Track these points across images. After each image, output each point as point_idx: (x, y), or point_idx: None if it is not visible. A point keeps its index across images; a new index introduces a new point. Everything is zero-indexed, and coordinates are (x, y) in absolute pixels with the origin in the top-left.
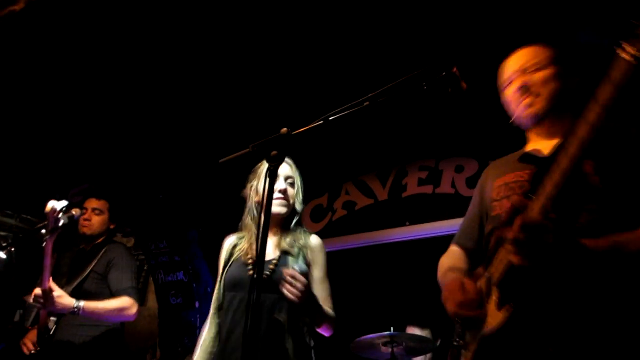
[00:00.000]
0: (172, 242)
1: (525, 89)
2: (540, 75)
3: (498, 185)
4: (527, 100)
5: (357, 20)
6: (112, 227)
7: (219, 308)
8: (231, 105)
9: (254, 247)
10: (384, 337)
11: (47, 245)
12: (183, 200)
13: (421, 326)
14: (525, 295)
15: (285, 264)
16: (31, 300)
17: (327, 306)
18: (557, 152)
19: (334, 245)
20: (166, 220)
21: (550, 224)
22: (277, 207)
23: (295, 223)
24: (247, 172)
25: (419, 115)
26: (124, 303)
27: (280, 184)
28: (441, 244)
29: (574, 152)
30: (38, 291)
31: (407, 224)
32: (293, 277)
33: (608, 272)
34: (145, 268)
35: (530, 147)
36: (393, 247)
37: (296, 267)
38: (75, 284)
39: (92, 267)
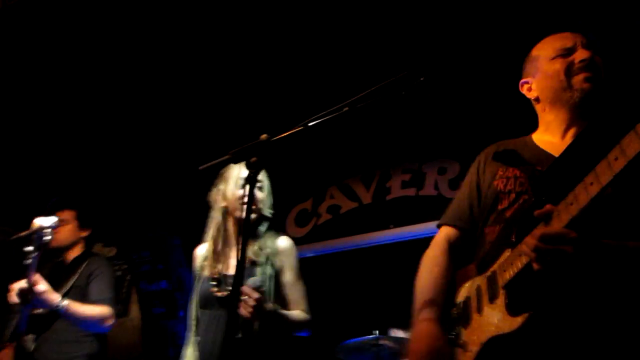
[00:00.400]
0: (155, 250)
1: (592, 63)
2: (600, 59)
3: (505, 175)
4: (590, 75)
5: (336, 26)
6: (83, 234)
7: (196, 325)
8: (211, 111)
9: (221, 259)
10: (369, 340)
11: (33, 262)
12: (165, 207)
13: (405, 328)
14: (545, 302)
15: (250, 274)
16: (14, 296)
17: (300, 308)
18: (576, 152)
19: (319, 249)
20: (148, 227)
21: (572, 234)
22: (244, 212)
23: (262, 228)
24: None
25: (402, 119)
26: (105, 312)
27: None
28: (425, 245)
29: (619, 168)
30: (22, 283)
31: (392, 226)
32: (246, 294)
33: (631, 275)
34: (128, 278)
35: (543, 136)
36: (378, 250)
37: (250, 282)
38: None
39: (73, 281)
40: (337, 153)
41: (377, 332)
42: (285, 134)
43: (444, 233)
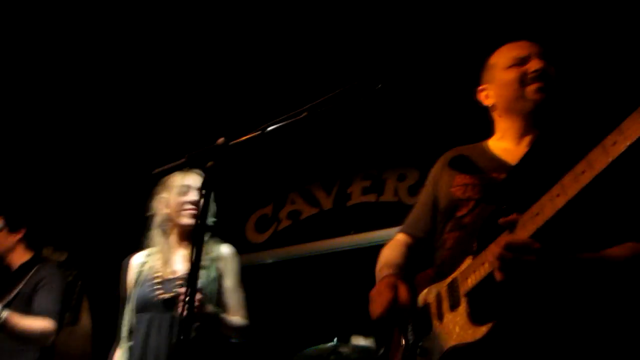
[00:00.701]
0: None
1: (544, 74)
2: (553, 69)
3: (463, 183)
4: (542, 85)
5: (296, 31)
6: (17, 236)
7: (130, 330)
8: (166, 114)
9: (165, 264)
10: (328, 347)
11: None
12: (119, 210)
13: (365, 335)
14: (509, 312)
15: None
16: None
17: (238, 314)
18: (532, 160)
19: (279, 255)
20: (99, 231)
21: (536, 244)
22: (188, 219)
23: (206, 236)
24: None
25: (363, 125)
26: (47, 327)
27: (191, 195)
28: None
29: (586, 182)
30: None
31: (352, 232)
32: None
33: (596, 286)
34: (79, 284)
35: (499, 143)
36: (338, 255)
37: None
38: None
39: (19, 288)
40: (299, 158)
41: (337, 339)
42: (243, 138)
43: (402, 237)
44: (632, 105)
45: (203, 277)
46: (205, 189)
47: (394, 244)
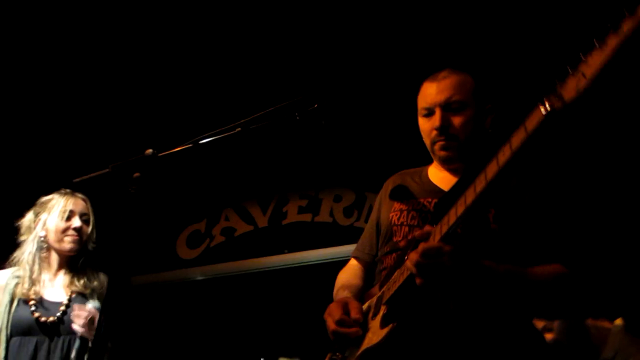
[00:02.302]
0: None
1: (444, 130)
2: (461, 117)
3: (399, 209)
4: (444, 143)
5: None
6: None
7: (5, 356)
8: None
9: (41, 287)
10: None
11: None
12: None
13: (290, 356)
14: (408, 314)
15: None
16: None
17: None
18: (460, 186)
19: (211, 272)
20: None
21: (447, 247)
22: (69, 244)
23: (83, 262)
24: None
25: (301, 144)
26: None
27: (75, 221)
28: (318, 271)
29: (480, 190)
30: None
31: (286, 251)
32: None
33: (493, 299)
34: None
35: (434, 174)
36: (271, 274)
37: (89, 305)
38: None
39: None
40: (235, 174)
41: (264, 359)
42: (173, 150)
43: (354, 263)
44: None
45: (88, 303)
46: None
47: (348, 268)
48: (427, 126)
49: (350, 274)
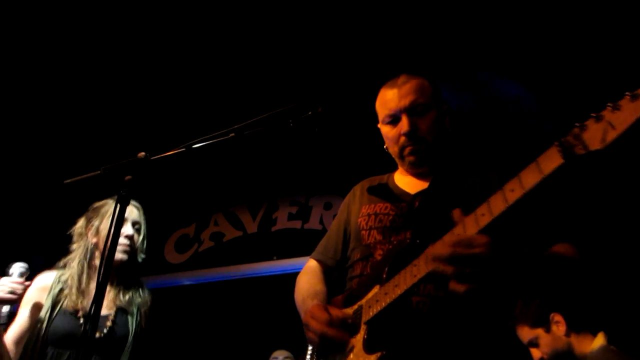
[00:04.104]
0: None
1: (413, 134)
2: (427, 120)
3: (367, 213)
4: (414, 147)
5: (234, 52)
6: None
7: None
8: (85, 125)
9: (85, 298)
10: None
11: None
12: (26, 223)
13: None
14: (395, 341)
15: (123, 322)
16: None
17: None
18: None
19: (198, 277)
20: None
21: (483, 237)
22: (120, 254)
23: (131, 275)
24: (97, 197)
25: (292, 151)
26: None
27: (127, 229)
28: None
29: (485, 224)
30: None
31: (275, 258)
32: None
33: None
34: None
35: (400, 180)
36: (259, 281)
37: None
38: None
39: None
40: (226, 179)
41: None
42: (166, 154)
43: (314, 263)
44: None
45: (129, 325)
46: (121, 204)
47: (309, 271)
48: (393, 133)
49: (313, 279)
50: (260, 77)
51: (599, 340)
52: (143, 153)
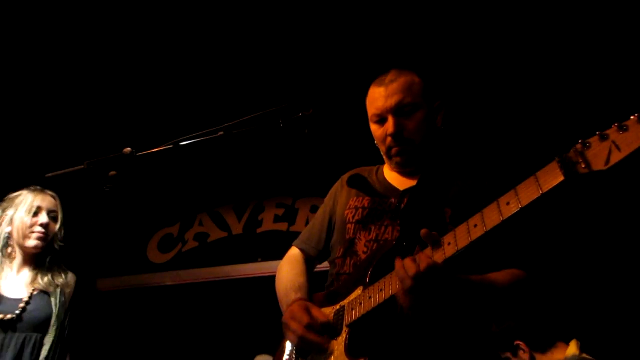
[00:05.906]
0: None
1: (398, 136)
2: (414, 121)
3: (354, 206)
4: (400, 149)
5: (223, 51)
6: None
7: None
8: (74, 119)
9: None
10: None
11: None
12: None
13: None
14: (381, 350)
15: (41, 303)
16: None
17: None
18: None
19: (182, 278)
20: None
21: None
22: (35, 241)
23: (51, 260)
24: (80, 192)
25: (280, 152)
26: None
27: (42, 217)
28: None
29: (477, 236)
30: None
31: (260, 259)
32: None
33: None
34: None
35: (389, 174)
36: (244, 282)
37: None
38: None
39: None
40: (212, 179)
41: None
42: (152, 150)
43: (297, 252)
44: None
45: (53, 305)
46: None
47: (292, 260)
48: (380, 133)
49: (295, 269)
50: (250, 76)
51: (572, 349)
52: (129, 149)
